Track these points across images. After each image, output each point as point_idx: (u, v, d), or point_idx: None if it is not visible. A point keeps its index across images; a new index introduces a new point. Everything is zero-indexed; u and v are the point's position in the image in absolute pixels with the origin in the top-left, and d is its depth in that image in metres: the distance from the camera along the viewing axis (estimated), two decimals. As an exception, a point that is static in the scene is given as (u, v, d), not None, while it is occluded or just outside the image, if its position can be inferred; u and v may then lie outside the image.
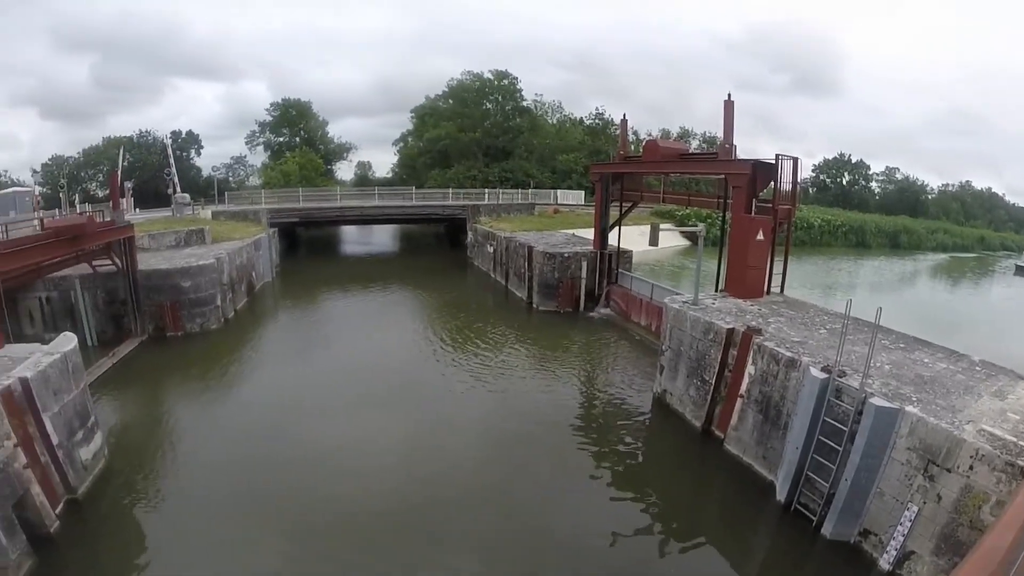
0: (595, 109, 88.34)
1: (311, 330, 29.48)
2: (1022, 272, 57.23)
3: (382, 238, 73.14)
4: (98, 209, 33.23)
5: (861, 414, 10.47)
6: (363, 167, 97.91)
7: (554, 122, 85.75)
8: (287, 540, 11.70)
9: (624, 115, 33.08)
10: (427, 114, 78.63)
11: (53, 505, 12.11)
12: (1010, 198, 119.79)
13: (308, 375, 21.96)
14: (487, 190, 59.67)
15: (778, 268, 19.56)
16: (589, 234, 33.33)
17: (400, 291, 39.03)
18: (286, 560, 11.17)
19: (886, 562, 9.85)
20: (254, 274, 36.68)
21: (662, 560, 11.31)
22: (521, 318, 30.15)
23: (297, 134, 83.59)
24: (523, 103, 78.94)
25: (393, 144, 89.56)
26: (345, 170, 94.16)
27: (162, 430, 17.07)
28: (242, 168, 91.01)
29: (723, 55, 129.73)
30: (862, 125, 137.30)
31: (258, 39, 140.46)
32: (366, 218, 56.83)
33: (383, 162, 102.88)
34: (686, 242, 52.14)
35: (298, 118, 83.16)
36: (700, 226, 21.46)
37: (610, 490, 13.69)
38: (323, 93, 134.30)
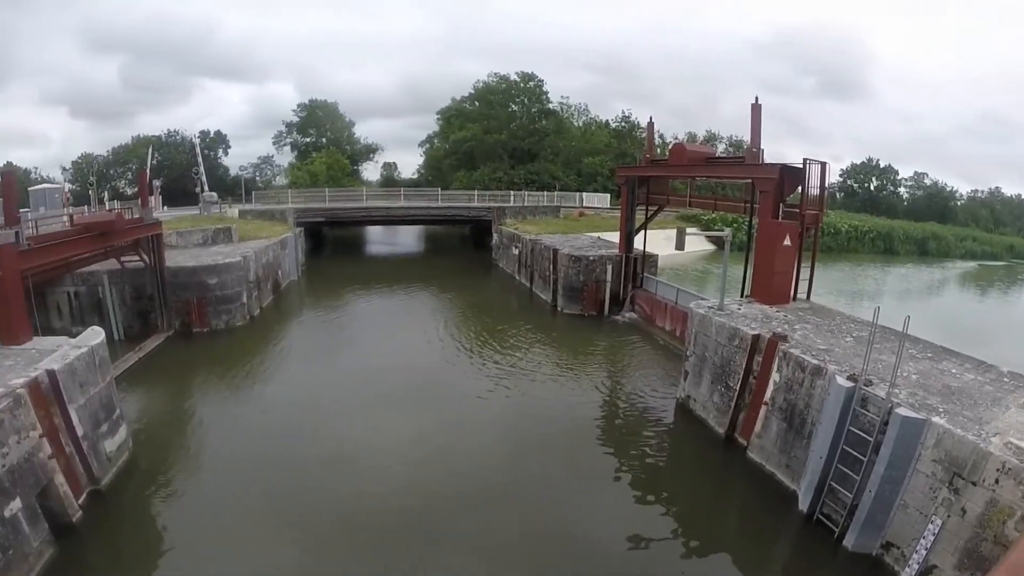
0: (621, 112, 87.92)
1: (335, 329, 29.85)
2: None
3: (407, 239, 73.64)
4: (127, 206, 33.97)
5: (887, 424, 10.35)
6: (389, 168, 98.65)
7: (580, 125, 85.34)
8: (304, 538, 11.88)
9: (651, 118, 33.06)
10: (453, 116, 78.91)
11: (76, 495, 12.39)
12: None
13: (331, 374, 22.29)
14: (512, 192, 59.79)
15: (805, 274, 19.34)
16: (614, 237, 33.22)
17: (424, 292, 39.28)
18: (302, 558, 11.34)
19: (908, 576, 9.78)
20: (280, 272, 37.19)
21: (681, 568, 11.28)
22: (545, 321, 30.20)
23: (324, 135, 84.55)
24: (549, 105, 78.77)
25: (419, 145, 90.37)
26: (371, 171, 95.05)
27: (186, 425, 17.47)
28: (269, 168, 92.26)
29: (750, 58, 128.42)
30: (890, 129, 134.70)
31: (286, 41, 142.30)
32: (392, 219, 57.31)
33: (409, 163, 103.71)
34: (711, 247, 51.78)
35: (325, 119, 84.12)
36: (726, 231, 21.31)
37: (630, 495, 13.69)
38: (350, 94, 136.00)
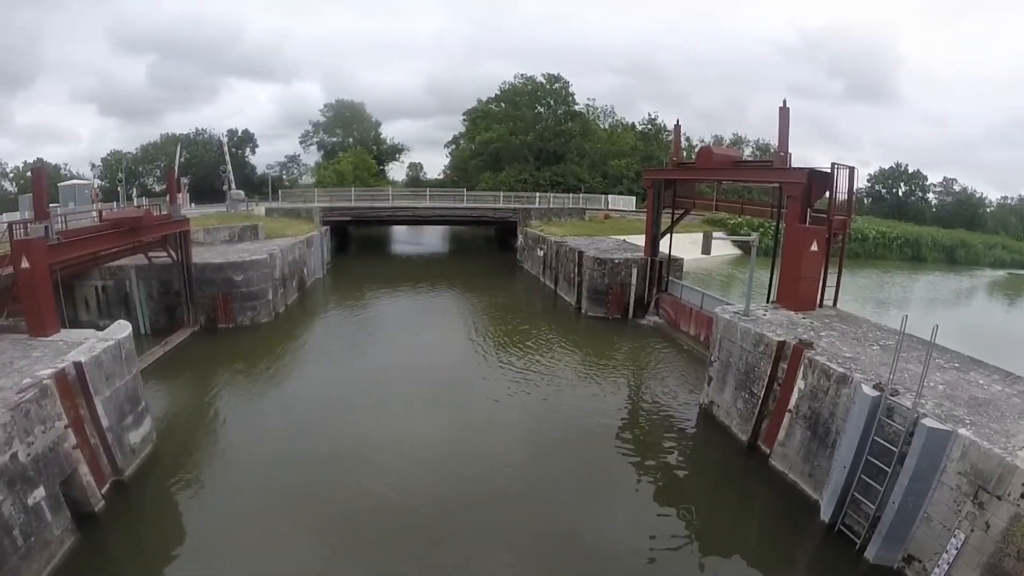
0: (647, 114, 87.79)
1: (358, 327, 30.16)
2: None
3: (432, 239, 74.19)
4: (155, 203, 34.58)
5: (912, 435, 10.22)
6: (415, 168, 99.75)
7: (606, 127, 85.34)
8: (321, 535, 12.06)
9: (677, 121, 33.05)
10: (479, 117, 79.38)
11: (99, 485, 12.65)
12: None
13: (353, 372, 22.59)
14: (538, 194, 59.82)
15: (831, 280, 19.12)
16: (640, 240, 33.12)
17: (448, 292, 39.57)
18: (319, 554, 11.50)
19: (929, 590, 9.61)
20: (305, 270, 37.69)
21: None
22: (569, 323, 30.24)
23: (350, 134, 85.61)
24: (575, 107, 78.74)
25: (445, 146, 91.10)
26: (397, 171, 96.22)
27: (209, 419, 17.82)
28: (295, 167, 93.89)
29: (777, 60, 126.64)
30: (919, 133, 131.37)
31: (312, 42, 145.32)
32: (417, 218, 57.74)
33: (434, 164, 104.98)
34: (737, 251, 51.28)
35: (351, 119, 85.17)
36: (753, 235, 21.22)
37: (650, 501, 13.68)
38: (376, 95, 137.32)
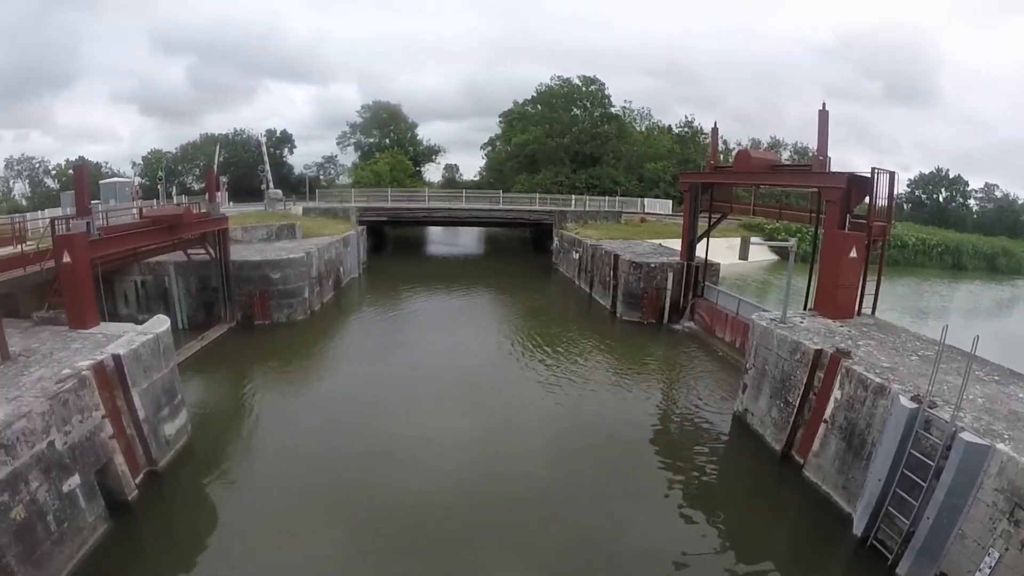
0: (684, 117, 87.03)
1: (393, 326, 30.61)
2: None
3: (467, 240, 74.68)
4: (194, 201, 35.47)
5: (949, 449, 10.03)
6: (451, 170, 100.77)
7: (642, 129, 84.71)
8: (349, 531, 12.34)
9: (715, 123, 32.92)
10: (515, 119, 79.63)
11: (134, 475, 13.05)
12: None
13: (386, 371, 22.89)
14: (574, 196, 59.76)
15: (870, 288, 18.74)
16: (676, 245, 32.94)
17: (483, 293, 39.92)
18: (346, 550, 11.78)
19: (961, 609, 9.42)
20: (341, 269, 38.28)
21: (728, 586, 11.22)
22: (603, 327, 30.21)
23: (387, 135, 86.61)
24: (611, 109, 78.40)
25: (481, 148, 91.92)
26: (433, 172, 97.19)
27: (243, 414, 18.32)
28: (332, 167, 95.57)
29: (814, 61, 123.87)
30: (960, 137, 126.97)
31: (348, 44, 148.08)
32: (453, 220, 58.21)
33: (470, 165, 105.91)
34: (774, 257, 50.54)
35: (388, 120, 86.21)
36: (791, 241, 20.95)
37: (679, 509, 13.61)
38: (412, 96, 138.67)
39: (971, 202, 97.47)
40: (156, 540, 12.06)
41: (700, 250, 29.61)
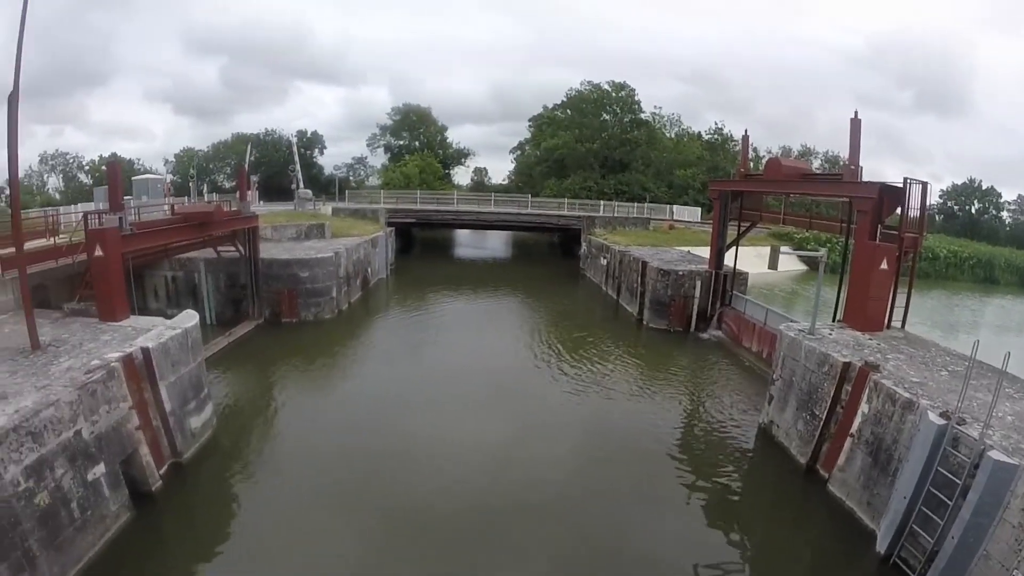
0: (714, 124, 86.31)
1: (418, 328, 30.76)
2: None
3: (495, 243, 74.99)
4: (225, 199, 36.17)
5: (977, 467, 9.85)
6: (479, 173, 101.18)
7: (672, 136, 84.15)
8: (367, 529, 12.48)
9: (745, 131, 32.07)
10: (545, 123, 79.69)
11: (158, 466, 13.35)
12: None
13: (410, 371, 23.12)
14: (602, 202, 59.67)
15: (900, 301, 18.44)
16: (704, 252, 32.74)
17: (510, 297, 40.03)
18: (364, 548, 11.90)
19: (983, 630, 9.22)
20: (369, 270, 38.71)
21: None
22: (629, 334, 30.10)
23: (417, 138, 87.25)
24: (641, 115, 77.94)
25: (510, 152, 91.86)
26: (462, 175, 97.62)
27: (267, 409, 18.66)
28: (362, 168, 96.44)
29: (844, 69, 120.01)
30: (993, 148, 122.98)
31: (378, 47, 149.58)
32: (481, 223, 58.52)
33: (499, 169, 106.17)
34: (802, 267, 49.82)
35: (418, 123, 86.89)
36: (822, 251, 20.70)
37: (700, 519, 13.53)
38: (442, 99, 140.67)
39: (1004, 214, 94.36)
40: (177, 530, 12.33)
41: (729, 258, 29.41)
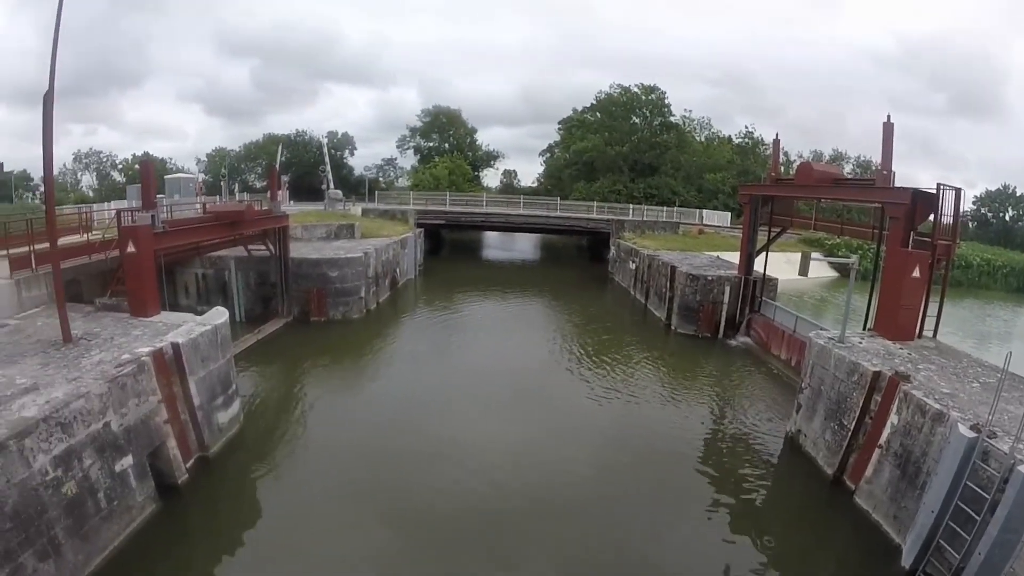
0: (744, 127, 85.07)
1: (445, 328, 31.02)
2: None
3: (524, 246, 75.22)
4: (256, 199, 36.70)
5: (1007, 482, 9.65)
6: (509, 175, 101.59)
7: (702, 139, 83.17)
8: (389, 528, 12.62)
9: (776, 135, 31.79)
10: (574, 126, 79.50)
11: (185, 459, 13.67)
12: None
13: (436, 372, 23.31)
14: (631, 206, 59.47)
15: (932, 310, 18.09)
16: (734, 258, 32.53)
17: (537, 300, 40.20)
18: (385, 546, 12.06)
19: (1009, 650, 9.04)
20: (398, 270, 39.12)
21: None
22: (657, 339, 29.99)
23: (446, 140, 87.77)
24: (671, 118, 77.21)
25: (539, 155, 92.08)
26: (491, 177, 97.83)
27: (294, 407, 18.98)
28: (392, 169, 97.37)
29: (876, 72, 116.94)
30: None
31: (409, 49, 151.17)
32: (510, 225, 58.72)
33: (528, 171, 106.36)
34: (833, 274, 48.97)
35: (448, 125, 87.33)
36: (853, 258, 20.41)
37: (723, 527, 13.44)
38: (471, 101, 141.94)
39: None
40: (202, 523, 12.63)
41: (758, 264, 29.12)
